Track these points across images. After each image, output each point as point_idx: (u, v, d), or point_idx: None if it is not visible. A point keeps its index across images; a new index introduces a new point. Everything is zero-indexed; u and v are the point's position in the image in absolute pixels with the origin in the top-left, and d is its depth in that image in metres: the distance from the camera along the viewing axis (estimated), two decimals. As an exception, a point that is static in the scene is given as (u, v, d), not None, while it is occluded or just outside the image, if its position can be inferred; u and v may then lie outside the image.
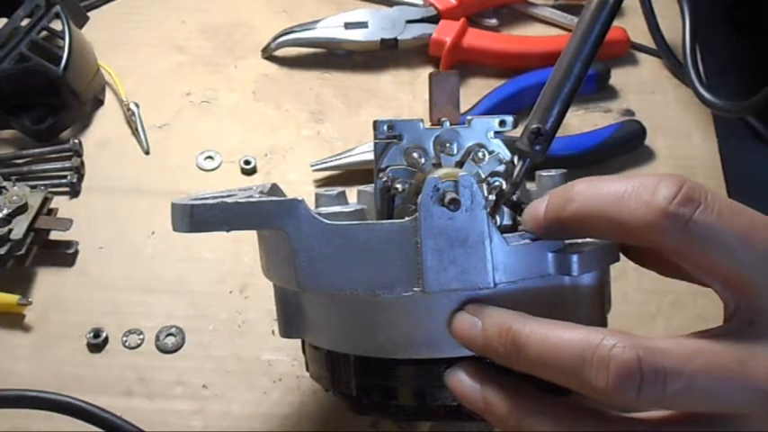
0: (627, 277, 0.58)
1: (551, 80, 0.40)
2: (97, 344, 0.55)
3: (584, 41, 0.39)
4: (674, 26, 0.75)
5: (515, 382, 0.36)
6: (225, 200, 0.38)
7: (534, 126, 0.40)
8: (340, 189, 0.45)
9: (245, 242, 0.59)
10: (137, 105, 0.67)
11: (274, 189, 0.44)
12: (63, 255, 0.59)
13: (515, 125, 0.44)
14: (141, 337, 0.55)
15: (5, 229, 0.55)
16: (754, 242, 0.33)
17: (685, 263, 0.35)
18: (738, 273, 0.33)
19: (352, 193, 0.47)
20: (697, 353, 0.32)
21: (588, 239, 0.41)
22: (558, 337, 0.34)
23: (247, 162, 0.65)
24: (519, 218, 0.40)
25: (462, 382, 0.38)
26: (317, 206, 0.44)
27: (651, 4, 0.76)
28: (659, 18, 0.76)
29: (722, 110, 0.65)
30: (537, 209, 0.38)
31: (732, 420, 0.33)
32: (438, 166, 0.43)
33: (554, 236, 0.38)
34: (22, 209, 0.57)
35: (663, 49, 0.74)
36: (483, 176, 0.42)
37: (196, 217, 0.38)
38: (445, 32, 0.71)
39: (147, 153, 0.66)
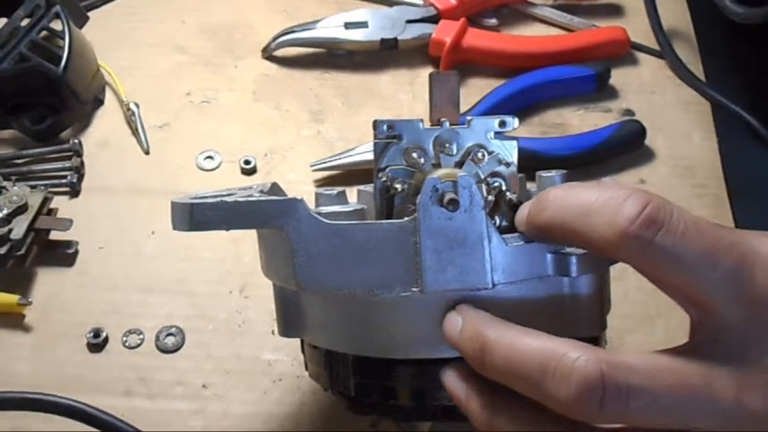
0: (627, 277, 0.58)
1: None
2: (97, 344, 0.55)
3: None
4: (675, 26, 0.75)
5: (494, 382, 0.36)
6: (224, 199, 0.38)
7: None
8: (340, 189, 0.45)
9: (246, 242, 0.59)
10: (137, 105, 0.67)
11: (275, 188, 0.44)
12: (63, 255, 0.59)
13: (516, 126, 0.44)
14: (141, 337, 0.55)
15: (5, 229, 0.55)
16: (719, 262, 0.33)
17: (649, 279, 0.35)
18: (702, 292, 0.33)
19: (352, 193, 0.47)
20: (663, 370, 0.32)
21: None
22: (523, 344, 0.34)
23: (247, 162, 0.65)
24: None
25: (451, 379, 0.38)
26: (316, 206, 0.44)
27: (655, 3, 0.75)
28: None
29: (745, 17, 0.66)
30: (522, 212, 0.38)
31: None
32: (437, 166, 0.43)
33: (539, 240, 0.38)
34: (22, 209, 0.57)
35: (665, 48, 0.73)
36: (482, 177, 0.42)
37: (196, 216, 0.38)
38: (445, 32, 0.71)
39: (147, 153, 0.66)
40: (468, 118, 0.44)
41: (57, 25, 0.65)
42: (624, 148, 0.67)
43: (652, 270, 0.34)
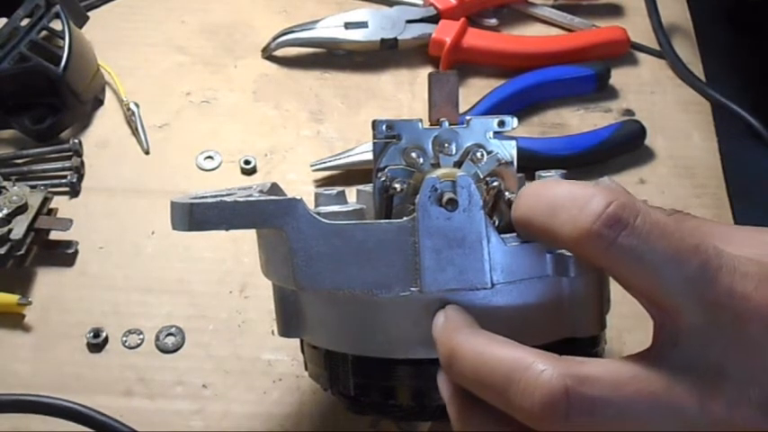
0: (626, 277, 0.58)
1: None
2: (97, 344, 0.55)
3: None
4: (675, 26, 0.75)
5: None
6: (224, 199, 0.38)
7: None
8: (339, 189, 0.45)
9: (245, 242, 0.59)
10: (137, 105, 0.67)
11: (274, 188, 0.44)
12: (63, 255, 0.59)
13: (515, 125, 0.44)
14: (141, 337, 0.55)
15: (5, 229, 0.56)
16: (682, 265, 0.32)
17: (613, 278, 0.35)
18: (663, 294, 0.33)
19: (351, 193, 0.47)
20: (627, 380, 0.32)
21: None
22: (490, 353, 0.34)
23: (247, 162, 0.65)
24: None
25: (441, 380, 0.38)
26: (316, 206, 0.44)
27: (656, 3, 0.75)
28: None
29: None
30: None
31: None
32: (436, 166, 0.43)
33: (525, 237, 0.37)
34: (22, 209, 0.57)
35: (666, 48, 0.73)
36: (481, 177, 0.42)
37: (195, 216, 0.38)
38: (445, 32, 0.71)
39: (147, 153, 0.66)
40: (468, 118, 0.44)
41: (57, 25, 0.65)
42: (624, 148, 0.67)
43: (615, 270, 0.34)
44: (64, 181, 0.63)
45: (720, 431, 0.32)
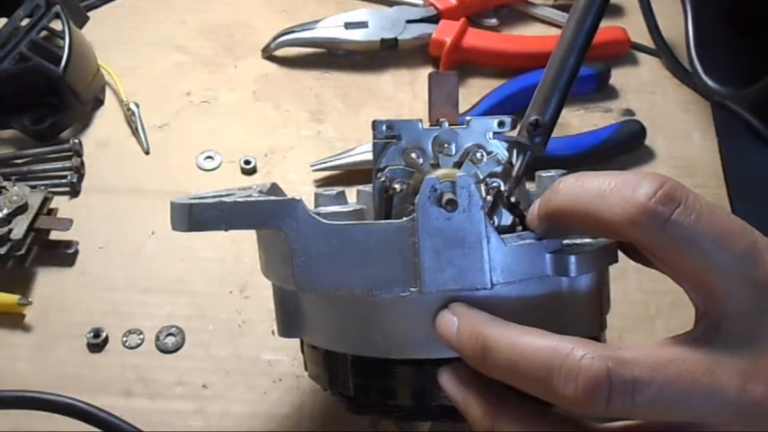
0: (627, 277, 0.58)
1: (547, 72, 0.41)
2: (97, 344, 0.55)
3: (578, 31, 0.40)
4: (674, 25, 0.75)
5: (496, 386, 0.36)
6: (223, 199, 0.38)
7: (533, 118, 0.40)
8: (339, 189, 0.45)
9: (246, 242, 0.59)
10: (137, 105, 0.67)
11: (274, 188, 0.44)
12: (63, 255, 0.59)
13: (514, 125, 0.44)
14: (141, 337, 0.55)
15: (5, 229, 0.56)
16: (731, 246, 0.33)
17: (658, 261, 0.35)
18: (709, 277, 0.33)
19: (351, 194, 0.47)
20: (666, 363, 0.32)
21: (587, 240, 0.41)
22: (527, 344, 0.34)
23: (247, 162, 0.65)
24: (517, 218, 0.40)
25: (448, 383, 0.38)
26: (316, 206, 0.44)
27: (650, 3, 0.76)
28: (658, 18, 0.76)
29: (725, 97, 0.66)
30: (533, 206, 0.38)
31: (700, 429, 0.33)
32: (436, 166, 0.43)
33: (550, 233, 0.37)
34: (22, 209, 0.57)
35: (662, 48, 0.74)
36: (481, 177, 0.42)
37: (195, 216, 0.38)
38: (445, 32, 0.71)
39: (147, 153, 0.66)
40: (467, 118, 0.44)
41: (57, 25, 0.65)
42: (624, 148, 0.67)
43: (664, 249, 0.34)
44: (64, 181, 0.63)
45: (761, 414, 0.32)
